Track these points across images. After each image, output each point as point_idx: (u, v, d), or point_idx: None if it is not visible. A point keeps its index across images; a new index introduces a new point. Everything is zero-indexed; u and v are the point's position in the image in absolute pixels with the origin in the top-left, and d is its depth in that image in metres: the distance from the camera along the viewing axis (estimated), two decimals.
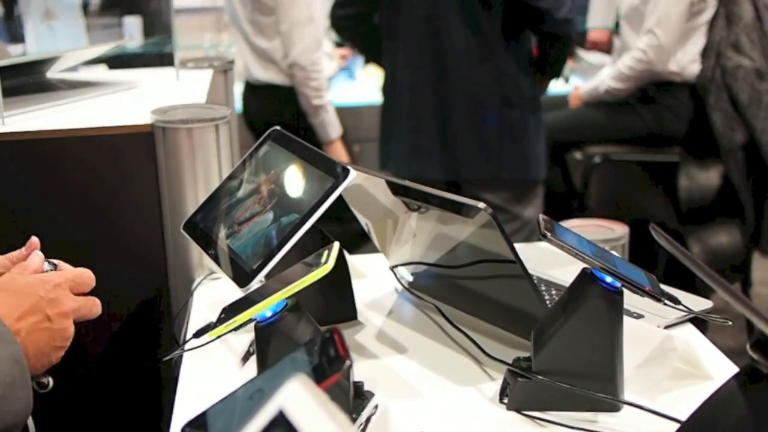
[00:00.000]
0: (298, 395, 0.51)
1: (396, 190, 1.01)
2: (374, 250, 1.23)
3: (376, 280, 1.21)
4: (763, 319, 0.62)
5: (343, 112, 2.91)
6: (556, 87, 2.94)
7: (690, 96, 2.71)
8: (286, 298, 0.80)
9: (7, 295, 0.79)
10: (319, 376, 0.62)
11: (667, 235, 0.73)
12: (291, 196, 0.99)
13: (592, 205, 2.81)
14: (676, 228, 2.74)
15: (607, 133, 2.79)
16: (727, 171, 2.69)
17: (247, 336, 1.01)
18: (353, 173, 0.94)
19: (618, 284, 0.84)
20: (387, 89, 2.40)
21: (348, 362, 0.61)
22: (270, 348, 0.79)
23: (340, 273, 1.06)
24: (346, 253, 1.12)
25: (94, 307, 0.87)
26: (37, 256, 0.89)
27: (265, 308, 0.78)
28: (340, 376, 0.61)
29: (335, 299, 1.08)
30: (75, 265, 1.17)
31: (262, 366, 0.80)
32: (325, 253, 0.80)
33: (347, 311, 1.08)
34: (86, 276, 0.88)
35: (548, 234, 0.81)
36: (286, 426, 0.49)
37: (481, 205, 0.87)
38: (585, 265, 0.85)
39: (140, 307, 1.20)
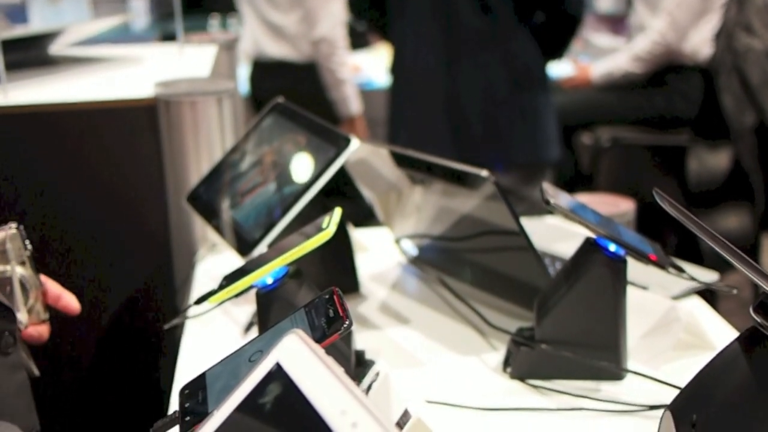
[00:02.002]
0: (294, 349, 0.50)
1: (400, 162, 1.00)
2: (380, 224, 1.23)
3: (380, 253, 1.20)
4: (766, 279, 0.61)
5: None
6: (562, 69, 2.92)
7: (701, 79, 2.69)
8: (288, 265, 0.79)
9: None
10: (318, 336, 0.62)
11: (670, 198, 0.72)
12: (293, 167, 0.99)
13: (600, 189, 2.80)
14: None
15: (616, 115, 2.77)
16: (738, 154, 2.68)
17: (250, 307, 1.01)
18: (355, 142, 0.94)
19: (622, 253, 0.84)
20: (396, 71, 2.38)
21: (347, 322, 0.60)
22: (271, 315, 0.79)
23: (343, 244, 1.06)
24: (350, 226, 1.11)
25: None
26: None
27: (266, 274, 0.77)
28: (339, 336, 0.61)
29: (337, 271, 1.07)
30: (76, 240, 1.17)
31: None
32: (327, 218, 0.80)
33: (350, 283, 1.07)
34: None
35: (551, 200, 0.81)
36: (283, 379, 0.49)
37: (484, 173, 0.86)
38: (589, 235, 0.85)
39: (143, 280, 1.20)
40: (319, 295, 0.66)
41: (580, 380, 0.85)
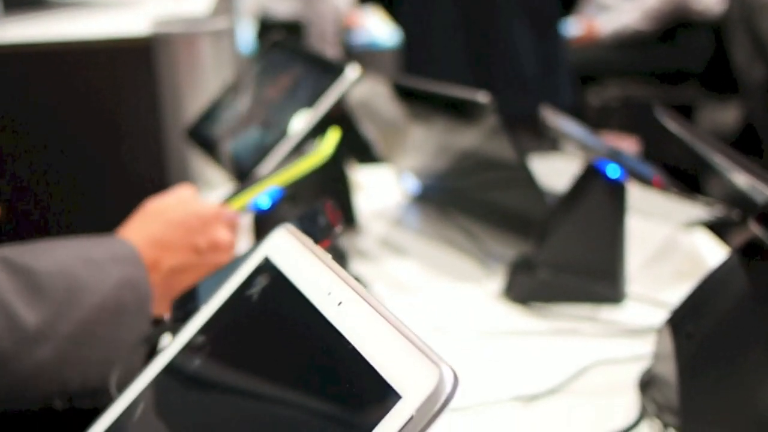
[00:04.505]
0: (282, 241, 0.50)
1: (402, 97, 0.99)
2: (381, 162, 1.22)
3: (380, 191, 1.20)
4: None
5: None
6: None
7: (711, 35, 2.66)
8: (285, 189, 0.79)
9: (162, 226, 0.72)
10: None
11: (670, 112, 0.71)
12: (292, 99, 0.98)
13: None
14: (695, 172, 2.70)
15: (624, 71, 2.75)
16: (748, 110, 2.65)
17: (247, 242, 1.00)
18: (353, 70, 0.93)
19: (622, 178, 0.83)
20: (410, 28, 2.35)
21: (338, 228, 0.60)
22: None
23: (340, 179, 1.05)
24: (351, 164, 1.11)
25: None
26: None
27: (259, 192, 0.77)
28: (331, 241, 0.60)
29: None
30: (72, 178, 1.17)
31: None
32: (320, 141, 0.79)
33: (346, 218, 1.07)
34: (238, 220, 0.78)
35: (551, 122, 0.79)
36: (272, 271, 0.49)
37: (482, 99, 0.85)
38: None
39: None
40: (311, 207, 0.65)
41: (580, 305, 0.84)
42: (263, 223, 0.79)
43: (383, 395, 0.35)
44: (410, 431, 0.33)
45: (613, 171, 0.83)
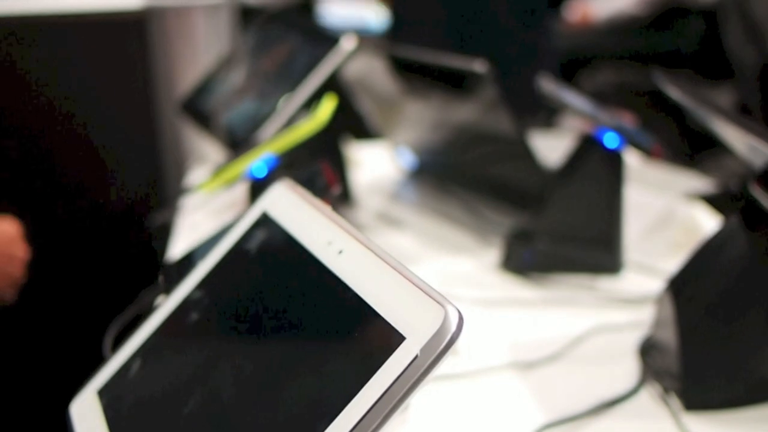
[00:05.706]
0: (280, 196, 0.49)
1: (399, 71, 0.98)
2: (377, 138, 1.21)
3: (377, 166, 1.19)
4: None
5: None
6: None
7: (704, 21, 2.66)
8: (281, 156, 0.78)
9: None
10: None
11: (669, 78, 0.71)
12: (287, 71, 0.97)
13: None
14: (689, 155, 2.70)
15: (617, 55, 2.75)
16: (742, 95, 2.65)
17: None
18: (349, 41, 0.92)
19: (620, 147, 0.82)
20: (398, 11, 2.34)
21: (335, 188, 0.59)
22: None
23: (335, 154, 1.04)
24: (348, 140, 1.10)
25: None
26: None
27: (254, 159, 0.76)
28: (330, 202, 0.59)
29: None
30: (70, 154, 1.16)
31: None
32: (316, 108, 0.78)
33: (342, 191, 1.06)
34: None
35: (549, 90, 0.79)
36: (270, 225, 0.48)
37: (479, 68, 0.84)
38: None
39: (133, 191, 1.18)
40: (309, 169, 0.64)
41: (578, 273, 0.84)
42: (259, 191, 0.78)
43: (387, 337, 0.34)
44: (416, 370, 0.32)
45: (611, 140, 0.82)
